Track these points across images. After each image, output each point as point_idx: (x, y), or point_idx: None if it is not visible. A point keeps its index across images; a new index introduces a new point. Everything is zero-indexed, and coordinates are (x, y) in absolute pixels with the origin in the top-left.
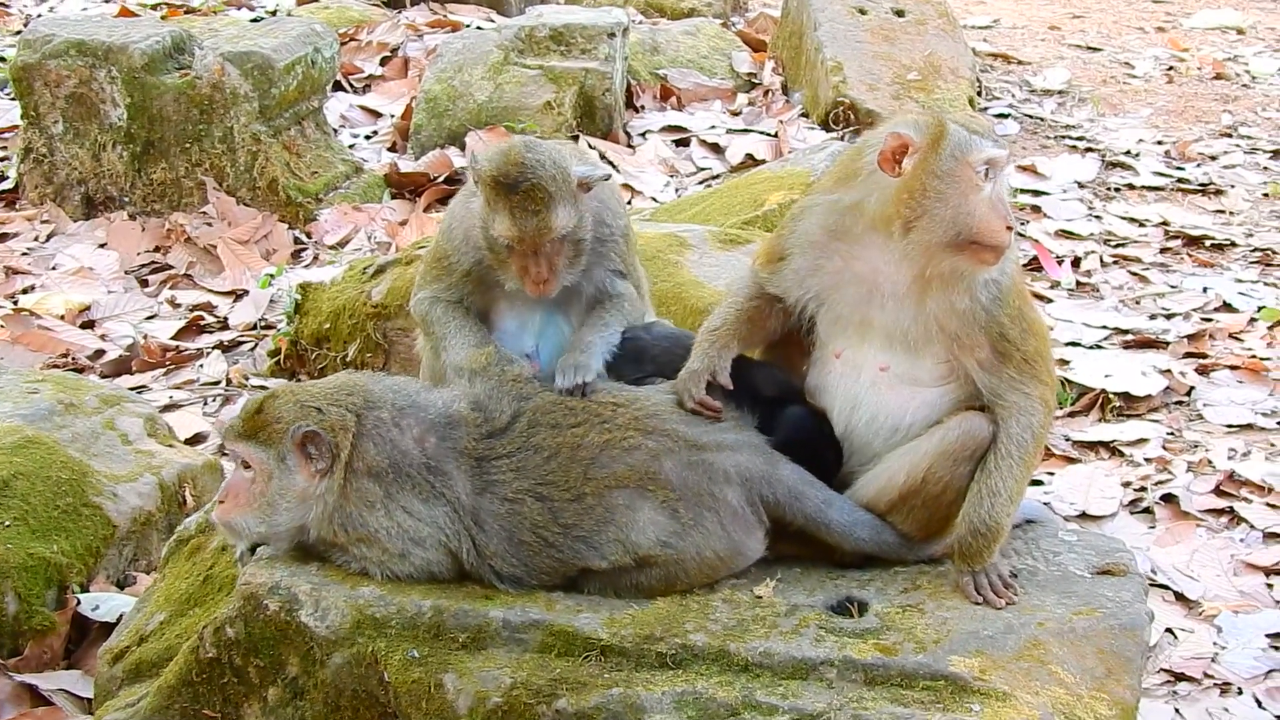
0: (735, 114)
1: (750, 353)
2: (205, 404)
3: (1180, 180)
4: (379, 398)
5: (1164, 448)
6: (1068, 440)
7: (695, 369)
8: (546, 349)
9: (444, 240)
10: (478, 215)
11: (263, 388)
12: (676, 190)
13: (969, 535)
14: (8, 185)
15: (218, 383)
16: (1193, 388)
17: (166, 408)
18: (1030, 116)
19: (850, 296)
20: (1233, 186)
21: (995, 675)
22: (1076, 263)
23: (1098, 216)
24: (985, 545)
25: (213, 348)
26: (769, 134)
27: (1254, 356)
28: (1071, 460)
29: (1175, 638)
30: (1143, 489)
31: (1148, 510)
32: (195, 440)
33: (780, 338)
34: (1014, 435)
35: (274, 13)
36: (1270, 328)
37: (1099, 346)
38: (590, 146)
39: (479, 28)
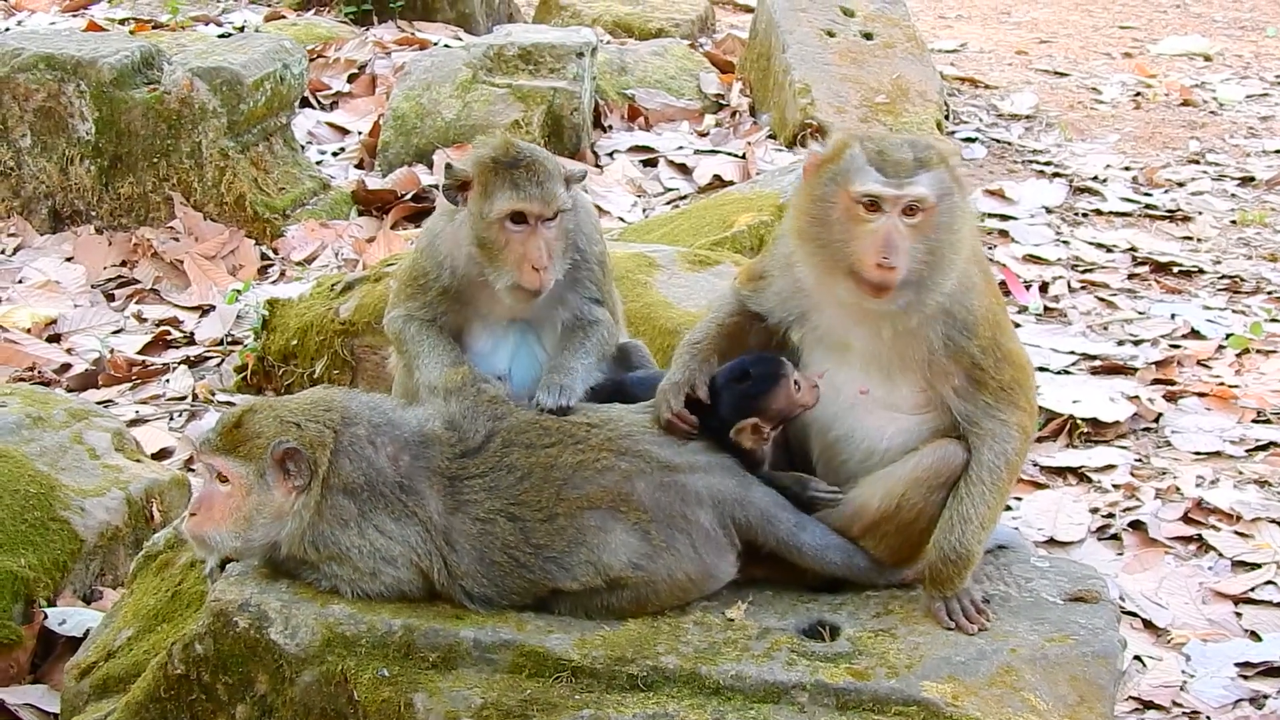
0: (703, 135)
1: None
2: (171, 419)
3: (1148, 206)
4: (356, 415)
5: (1132, 474)
6: (1036, 466)
7: (676, 380)
8: (519, 371)
9: (422, 258)
10: (464, 225)
11: (229, 403)
12: (644, 211)
13: (940, 561)
14: None
15: (184, 398)
16: (1161, 414)
17: (132, 422)
18: (998, 141)
19: (830, 319)
20: (1200, 213)
21: (968, 701)
22: (1044, 288)
23: (1065, 242)
24: (956, 572)
25: (179, 363)
26: (736, 155)
27: (1222, 384)
28: (1039, 486)
29: (1144, 665)
30: (1111, 515)
31: (1115, 537)
32: (162, 455)
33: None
34: (986, 462)
35: (242, 29)
36: (1238, 355)
37: (1067, 372)
38: None
39: (447, 46)
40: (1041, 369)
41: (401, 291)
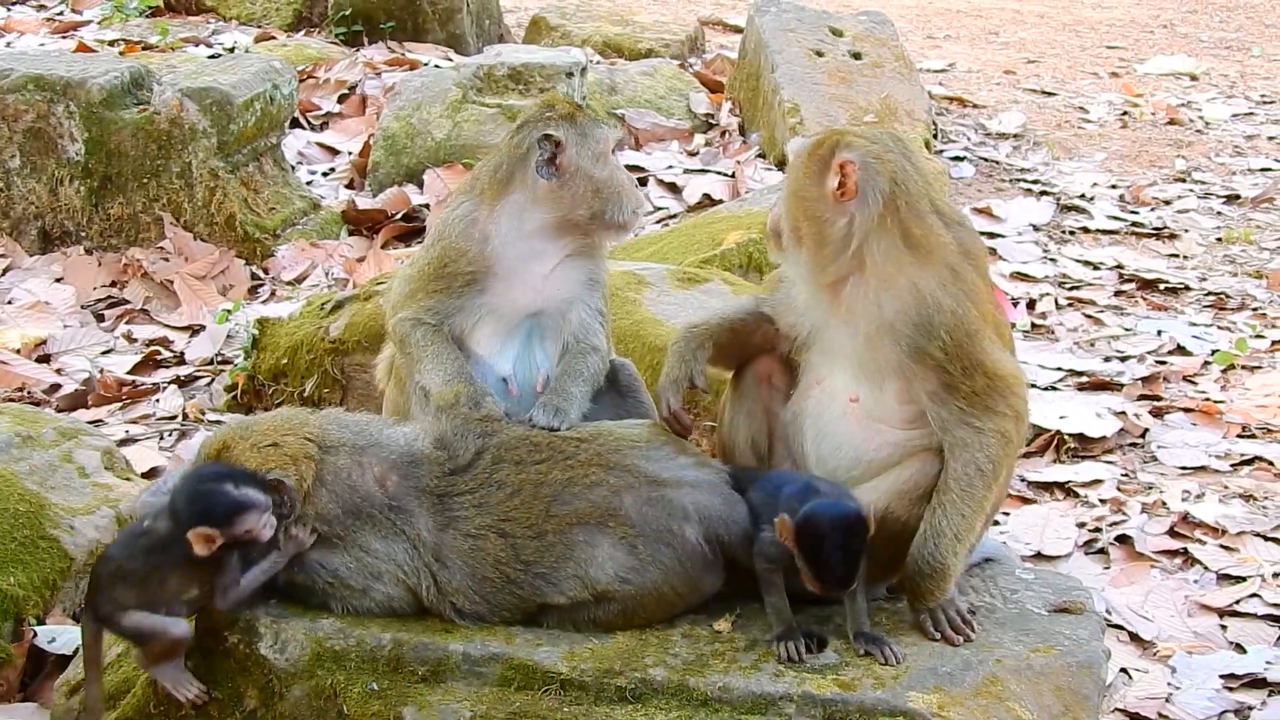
0: (692, 154)
1: (724, 365)
2: (162, 439)
3: (1134, 224)
4: (337, 440)
5: (1118, 489)
6: (1023, 481)
7: (674, 377)
8: (520, 373)
9: (455, 242)
10: (511, 209)
11: (219, 423)
12: (634, 231)
13: (916, 575)
14: None
15: (174, 417)
16: (1147, 430)
17: (123, 442)
18: (986, 159)
19: (834, 326)
20: (1186, 231)
21: (954, 711)
22: (1031, 305)
23: (1052, 259)
24: (934, 585)
25: (169, 383)
26: (726, 174)
27: (1207, 399)
28: (1026, 501)
29: (1130, 678)
30: (1097, 530)
31: (1102, 551)
32: (152, 474)
33: (751, 361)
34: (955, 473)
35: (232, 50)
36: (1224, 371)
37: (1054, 388)
38: None
39: (437, 66)
40: (1029, 385)
41: (415, 293)
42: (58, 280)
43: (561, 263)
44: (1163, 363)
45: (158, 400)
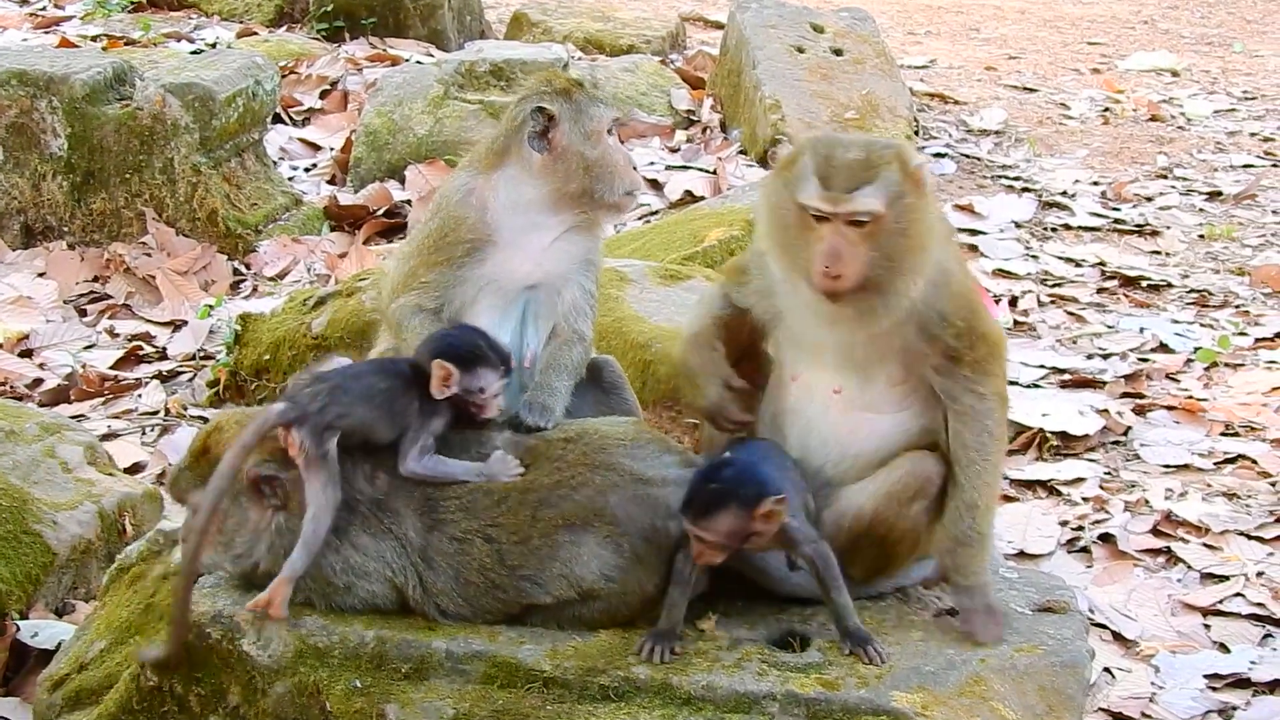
0: (674, 151)
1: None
2: (144, 434)
3: (1116, 221)
4: None
5: (1101, 487)
6: (1006, 479)
7: (713, 391)
8: (516, 349)
9: (454, 210)
10: (504, 182)
11: (201, 418)
12: (615, 226)
13: (956, 549)
14: None
15: (156, 413)
16: (1130, 428)
17: (105, 437)
18: (967, 156)
19: (802, 319)
20: (1168, 228)
21: (937, 711)
22: (1013, 302)
23: (1034, 256)
24: (975, 554)
25: (151, 378)
26: (708, 171)
27: (1190, 397)
28: (1009, 499)
29: (1113, 677)
30: (1080, 528)
31: (1085, 550)
32: (135, 469)
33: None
34: (969, 442)
35: (215, 45)
36: (1206, 369)
37: (1036, 386)
38: None
39: (419, 62)
40: (1011, 383)
41: (417, 268)
42: (40, 275)
43: (560, 237)
44: (1145, 360)
45: (140, 395)
